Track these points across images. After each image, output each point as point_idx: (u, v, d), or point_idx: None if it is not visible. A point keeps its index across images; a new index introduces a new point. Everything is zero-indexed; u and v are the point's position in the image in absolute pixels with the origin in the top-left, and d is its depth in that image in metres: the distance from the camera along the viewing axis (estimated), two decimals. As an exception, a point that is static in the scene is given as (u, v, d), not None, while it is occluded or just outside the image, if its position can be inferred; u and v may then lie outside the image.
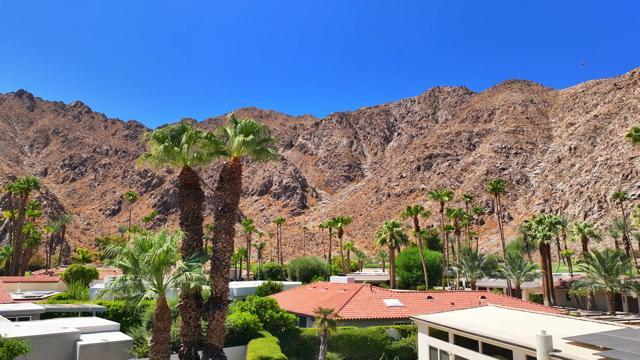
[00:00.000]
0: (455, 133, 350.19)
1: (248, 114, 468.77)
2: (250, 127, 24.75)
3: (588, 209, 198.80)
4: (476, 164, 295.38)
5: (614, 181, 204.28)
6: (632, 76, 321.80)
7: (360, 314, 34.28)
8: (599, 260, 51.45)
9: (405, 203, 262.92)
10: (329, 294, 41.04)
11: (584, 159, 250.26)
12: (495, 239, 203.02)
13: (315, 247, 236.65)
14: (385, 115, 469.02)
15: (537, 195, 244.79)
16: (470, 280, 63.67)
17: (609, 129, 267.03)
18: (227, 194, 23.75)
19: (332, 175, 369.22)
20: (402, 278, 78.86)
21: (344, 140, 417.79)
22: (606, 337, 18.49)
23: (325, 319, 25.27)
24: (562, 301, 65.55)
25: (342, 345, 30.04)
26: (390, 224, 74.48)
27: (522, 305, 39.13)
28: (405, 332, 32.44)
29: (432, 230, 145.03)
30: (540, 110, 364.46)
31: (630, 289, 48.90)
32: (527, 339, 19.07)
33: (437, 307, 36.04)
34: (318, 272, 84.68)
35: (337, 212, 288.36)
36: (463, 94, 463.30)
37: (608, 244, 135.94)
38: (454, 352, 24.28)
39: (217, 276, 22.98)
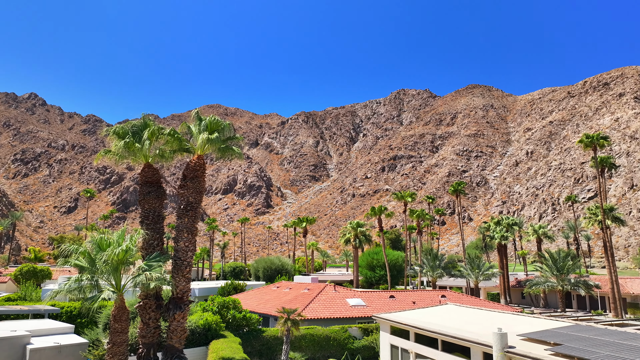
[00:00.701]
0: (419, 135, 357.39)
1: (213, 112, 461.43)
2: (215, 124, 24.34)
3: (543, 211, 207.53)
4: (438, 166, 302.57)
5: (566, 185, 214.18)
6: (584, 85, 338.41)
7: (323, 314, 34.39)
8: (551, 260, 53.74)
9: (370, 203, 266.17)
10: (292, 294, 40.97)
11: (539, 163, 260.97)
12: (455, 239, 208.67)
13: (280, 247, 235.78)
14: (351, 116, 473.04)
15: (495, 197, 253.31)
16: (431, 280, 65.15)
17: (562, 134, 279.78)
18: (190, 192, 23.27)
19: (297, 174, 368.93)
20: (366, 277, 79.74)
21: (310, 140, 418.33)
22: (556, 333, 19.35)
23: (288, 318, 25.21)
24: (518, 299, 68.10)
25: (305, 344, 30.06)
26: (354, 224, 75.15)
27: (480, 303, 40.38)
28: (368, 331, 32.81)
29: (396, 230, 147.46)
30: (500, 115, 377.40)
31: (579, 287, 51.38)
32: (484, 336, 19.68)
33: (399, 306, 36.64)
34: (282, 271, 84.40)
35: (302, 211, 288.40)
36: (427, 97, 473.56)
37: (560, 245, 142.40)
38: (414, 350, 24.76)
39: (178, 276, 22.48)
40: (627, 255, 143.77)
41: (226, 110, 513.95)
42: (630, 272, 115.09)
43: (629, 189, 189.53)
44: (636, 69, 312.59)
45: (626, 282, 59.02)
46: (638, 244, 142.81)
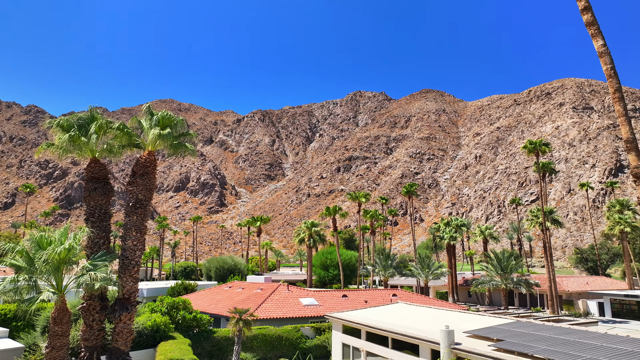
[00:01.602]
0: (374, 137, 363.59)
1: (166, 106, 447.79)
2: (167, 119, 23.61)
3: (489, 213, 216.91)
4: (392, 167, 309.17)
5: (511, 188, 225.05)
6: (529, 94, 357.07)
7: (276, 314, 34.23)
8: (496, 260, 56.23)
9: (325, 203, 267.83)
10: (245, 294, 40.50)
11: (487, 166, 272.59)
12: (407, 240, 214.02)
13: (233, 246, 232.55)
14: (308, 115, 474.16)
15: (446, 199, 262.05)
16: (383, 279, 66.42)
17: (508, 140, 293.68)
18: (140, 189, 22.44)
19: (252, 173, 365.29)
20: (319, 277, 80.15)
21: (266, 139, 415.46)
22: (499, 329, 20.26)
23: (240, 319, 24.88)
24: (465, 297, 70.79)
25: (257, 345, 29.80)
26: (309, 224, 75.31)
27: (429, 302, 41.61)
28: (320, 330, 32.97)
29: (349, 230, 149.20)
30: (451, 120, 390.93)
31: (521, 285, 54.09)
32: (432, 334, 20.28)
33: (351, 305, 37.08)
34: (235, 271, 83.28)
35: (256, 210, 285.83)
36: (383, 100, 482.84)
37: (505, 245, 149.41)
38: (365, 349, 25.12)
39: (125, 276, 21.63)
40: (564, 255, 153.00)
41: (180, 105, 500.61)
42: (566, 271, 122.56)
43: (566, 193, 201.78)
44: (574, 81, 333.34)
45: (562, 280, 62.78)
46: (574, 245, 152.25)
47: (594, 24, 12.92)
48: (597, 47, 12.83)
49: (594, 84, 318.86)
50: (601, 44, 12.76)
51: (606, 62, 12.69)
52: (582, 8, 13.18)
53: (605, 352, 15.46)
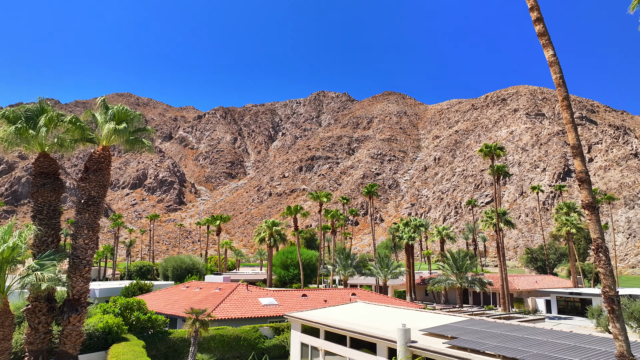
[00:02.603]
0: (336, 137, 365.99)
1: (123, 100, 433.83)
2: (123, 114, 22.79)
3: (447, 214, 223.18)
4: (354, 168, 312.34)
5: (468, 190, 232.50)
6: (486, 99, 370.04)
7: (235, 314, 33.80)
8: (452, 260, 57.88)
9: (286, 202, 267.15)
10: (203, 294, 39.76)
11: (445, 169, 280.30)
12: (367, 239, 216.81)
13: (192, 245, 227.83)
14: (271, 114, 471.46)
15: (405, 199, 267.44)
16: (343, 278, 66.94)
17: (466, 143, 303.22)
18: (93, 185, 21.54)
19: (213, 171, 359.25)
20: (279, 277, 79.83)
21: (228, 136, 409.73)
22: (453, 327, 20.86)
23: (197, 319, 24.38)
24: (422, 296, 72.44)
25: (214, 345, 29.31)
26: (270, 223, 74.83)
27: (387, 301, 42.30)
28: (279, 330, 32.83)
29: (311, 230, 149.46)
30: (412, 122, 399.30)
31: (475, 284, 55.94)
32: (389, 332, 20.61)
33: (311, 304, 37.13)
34: (193, 271, 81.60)
35: (216, 209, 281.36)
36: (346, 101, 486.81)
37: (461, 245, 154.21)
38: (324, 348, 25.22)
39: (75, 276, 20.71)
40: (515, 255, 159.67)
41: (138, 100, 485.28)
42: (517, 270, 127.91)
43: (519, 196, 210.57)
44: (528, 88, 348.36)
45: (514, 279, 65.43)
46: (525, 245, 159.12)
47: (545, 35, 13.50)
48: (547, 57, 13.41)
49: (545, 92, 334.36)
50: (551, 54, 13.35)
51: (556, 71, 13.29)
52: (534, 19, 13.74)
53: (551, 347, 16.22)
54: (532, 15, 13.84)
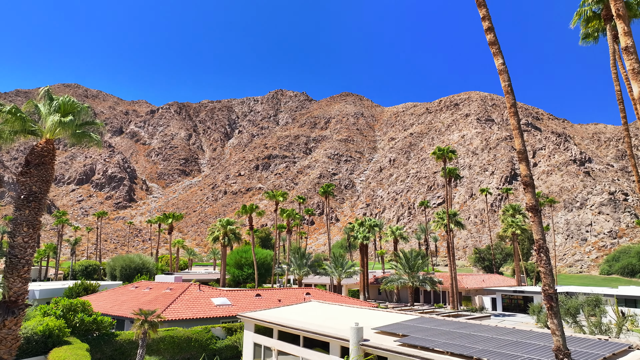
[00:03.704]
0: (294, 136, 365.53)
1: (70, 92, 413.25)
2: (70, 106, 21.64)
3: (400, 214, 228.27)
4: (311, 167, 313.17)
5: (421, 191, 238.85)
6: (440, 103, 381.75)
7: (186, 314, 33.01)
8: (405, 259, 59.26)
9: (242, 201, 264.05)
10: (153, 294, 38.54)
11: (400, 170, 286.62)
12: (323, 239, 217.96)
13: (142, 244, 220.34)
14: (228, 111, 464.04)
15: (361, 200, 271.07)
16: (298, 278, 66.96)
17: (420, 146, 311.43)
18: (34, 180, 20.31)
19: (166, 167, 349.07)
20: (233, 276, 78.78)
21: (182, 132, 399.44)
22: (404, 325, 21.34)
23: (146, 320, 23.57)
24: (375, 295, 73.70)
25: (163, 347, 28.46)
26: (224, 222, 73.68)
27: (341, 300, 42.69)
28: (232, 330, 32.37)
29: (266, 229, 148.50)
30: (369, 124, 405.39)
31: (426, 283, 57.55)
32: (342, 331, 20.79)
33: (265, 304, 36.87)
34: (143, 271, 78.99)
35: (169, 207, 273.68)
36: (304, 100, 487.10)
37: (413, 245, 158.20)
38: (277, 348, 25.09)
39: (13, 276, 19.45)
40: (464, 255, 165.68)
41: (87, 91, 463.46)
42: (466, 269, 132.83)
43: (469, 197, 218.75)
44: (479, 94, 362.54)
45: (462, 278, 67.88)
46: (473, 245, 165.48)
47: (496, 44, 14.06)
48: (497, 65, 13.97)
49: (495, 98, 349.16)
50: (501, 62, 13.92)
51: (504, 79, 13.88)
52: (486, 28, 14.28)
53: (495, 343, 16.94)
54: (484, 24, 14.38)
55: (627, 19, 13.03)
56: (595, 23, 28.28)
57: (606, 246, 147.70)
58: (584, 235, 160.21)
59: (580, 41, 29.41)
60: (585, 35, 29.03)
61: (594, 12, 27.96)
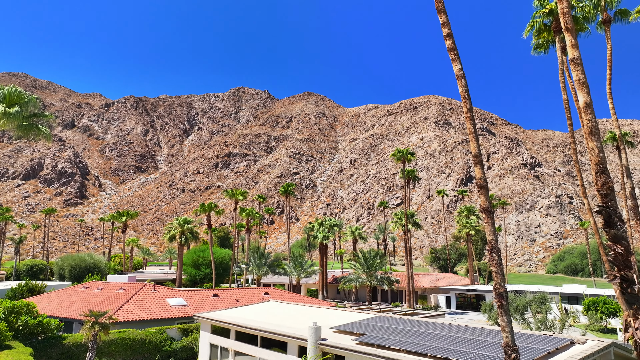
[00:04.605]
0: (255, 135, 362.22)
1: (17, 81, 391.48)
2: (16, 96, 20.51)
3: (360, 214, 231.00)
4: (272, 166, 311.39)
5: (380, 192, 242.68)
6: (400, 106, 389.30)
7: (140, 315, 31.99)
8: (363, 259, 60.04)
9: (200, 199, 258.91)
10: (104, 295, 37.12)
11: (360, 171, 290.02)
12: (282, 238, 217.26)
13: (93, 243, 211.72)
14: (187, 107, 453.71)
15: (321, 199, 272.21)
16: (257, 277, 66.38)
17: (380, 147, 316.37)
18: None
19: (120, 164, 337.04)
20: (190, 276, 77.15)
21: (139, 128, 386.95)
22: (362, 324, 21.60)
23: (96, 322, 22.65)
24: (333, 294, 74.19)
25: (115, 350, 27.45)
26: (181, 220, 72.00)
27: (300, 299, 42.70)
28: (188, 331, 31.70)
29: (225, 228, 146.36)
30: (330, 124, 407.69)
31: (384, 282, 58.55)
32: (300, 331, 20.78)
33: (222, 304, 36.33)
34: (94, 270, 75.92)
35: (123, 204, 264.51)
36: (266, 98, 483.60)
37: (372, 245, 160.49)
38: (234, 348, 24.77)
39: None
40: (421, 255, 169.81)
41: (35, 82, 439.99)
42: (422, 269, 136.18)
43: (426, 199, 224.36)
44: (438, 98, 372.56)
45: (419, 277, 69.53)
46: (430, 245, 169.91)
47: (454, 50, 14.47)
48: (455, 71, 14.38)
49: (453, 103, 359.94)
50: (459, 68, 14.33)
51: (462, 84, 14.31)
52: (445, 34, 14.67)
53: (449, 340, 17.45)
54: (443, 30, 14.77)
55: (574, 32, 13.75)
56: (545, 34, 29.71)
57: (552, 246, 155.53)
58: (533, 236, 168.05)
59: (532, 51, 30.80)
60: (537, 46, 30.43)
61: (545, 24, 29.35)
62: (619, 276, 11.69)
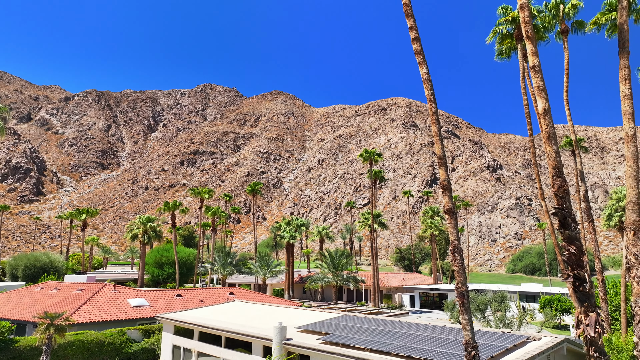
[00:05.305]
0: (222, 132, 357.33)
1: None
2: (-33, 86, 19.39)
3: (327, 214, 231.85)
4: (239, 165, 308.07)
5: (347, 192, 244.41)
6: (368, 107, 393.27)
7: (99, 316, 30.97)
8: (330, 259, 60.29)
9: (164, 198, 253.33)
10: (61, 296, 35.71)
11: (328, 170, 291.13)
12: (249, 238, 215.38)
13: (50, 242, 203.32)
14: (152, 103, 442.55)
15: (289, 199, 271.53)
16: (222, 277, 65.52)
17: (348, 147, 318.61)
18: None
19: (81, 159, 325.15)
20: (153, 276, 75.35)
21: (101, 123, 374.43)
22: (327, 323, 21.69)
23: (51, 324, 21.77)
24: (300, 294, 74.16)
25: (71, 352, 26.46)
26: (144, 219, 70.21)
27: (265, 299, 42.45)
28: (149, 332, 30.93)
29: (190, 227, 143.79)
30: (299, 123, 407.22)
31: (349, 282, 59.00)
32: (265, 331, 20.66)
33: (186, 304, 35.66)
34: (50, 270, 72.95)
35: (83, 202, 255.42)
36: (234, 96, 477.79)
37: (339, 245, 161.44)
38: (197, 349, 24.36)
39: None
40: (387, 255, 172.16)
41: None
42: (387, 268, 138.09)
43: (392, 199, 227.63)
44: (405, 100, 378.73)
45: (384, 277, 70.46)
46: (395, 245, 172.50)
47: (421, 53, 14.74)
48: (422, 74, 14.64)
49: (419, 105, 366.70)
50: (425, 71, 14.61)
51: (428, 88, 14.59)
52: (412, 38, 14.91)
53: (412, 338, 17.76)
54: (410, 34, 15.02)
55: (534, 41, 14.28)
56: (508, 42, 30.71)
57: (512, 247, 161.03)
58: (494, 237, 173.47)
59: (495, 57, 31.77)
60: (500, 52, 31.41)
61: (508, 32, 30.33)
62: (572, 275, 12.21)
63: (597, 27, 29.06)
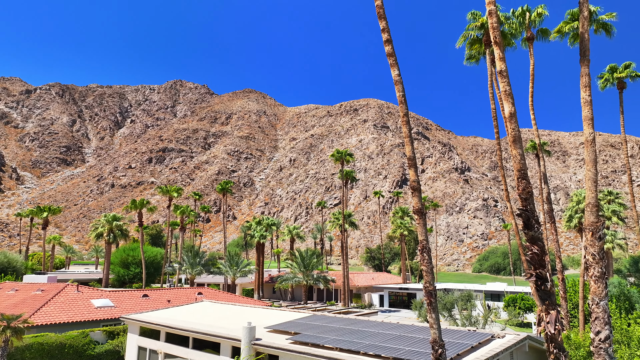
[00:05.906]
0: (192, 130, 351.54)
1: None
2: None
3: (298, 214, 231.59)
4: (209, 163, 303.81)
5: (319, 192, 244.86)
6: (340, 107, 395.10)
7: (60, 318, 29.91)
8: (300, 258, 60.26)
9: (131, 196, 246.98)
10: (19, 296, 34.32)
11: (299, 170, 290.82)
12: (219, 237, 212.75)
13: (8, 240, 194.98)
14: (119, 98, 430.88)
15: (259, 198, 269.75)
16: (190, 277, 64.47)
17: (320, 147, 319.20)
18: None
19: (42, 155, 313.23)
20: (118, 276, 73.39)
21: (65, 117, 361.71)
22: (297, 323, 21.66)
23: (8, 326, 20.88)
24: (270, 294, 73.78)
25: (30, 356, 25.46)
26: (110, 217, 68.30)
27: (235, 299, 42.01)
28: (114, 333, 30.11)
29: (157, 225, 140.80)
30: (271, 122, 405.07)
31: (320, 281, 59.12)
32: (234, 331, 20.45)
33: (152, 305, 34.90)
34: (8, 270, 69.96)
35: (45, 199, 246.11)
36: (205, 93, 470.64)
37: (309, 244, 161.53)
38: (164, 350, 23.88)
39: None
40: (357, 254, 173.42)
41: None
42: (357, 268, 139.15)
43: (363, 199, 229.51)
44: (377, 102, 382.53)
45: (354, 276, 70.94)
46: (366, 245, 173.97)
47: (393, 55, 14.91)
48: (393, 76, 14.81)
49: (391, 107, 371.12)
50: (397, 73, 14.78)
51: (399, 89, 14.77)
52: (385, 40, 15.07)
53: (381, 337, 17.95)
54: (383, 36, 15.16)
55: (502, 46, 14.67)
56: (477, 46, 31.46)
57: (478, 247, 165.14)
58: (461, 237, 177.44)
59: (464, 61, 32.47)
60: (469, 57, 32.14)
61: (477, 37, 31.07)
62: (534, 274, 12.62)
63: (560, 35, 30.17)
